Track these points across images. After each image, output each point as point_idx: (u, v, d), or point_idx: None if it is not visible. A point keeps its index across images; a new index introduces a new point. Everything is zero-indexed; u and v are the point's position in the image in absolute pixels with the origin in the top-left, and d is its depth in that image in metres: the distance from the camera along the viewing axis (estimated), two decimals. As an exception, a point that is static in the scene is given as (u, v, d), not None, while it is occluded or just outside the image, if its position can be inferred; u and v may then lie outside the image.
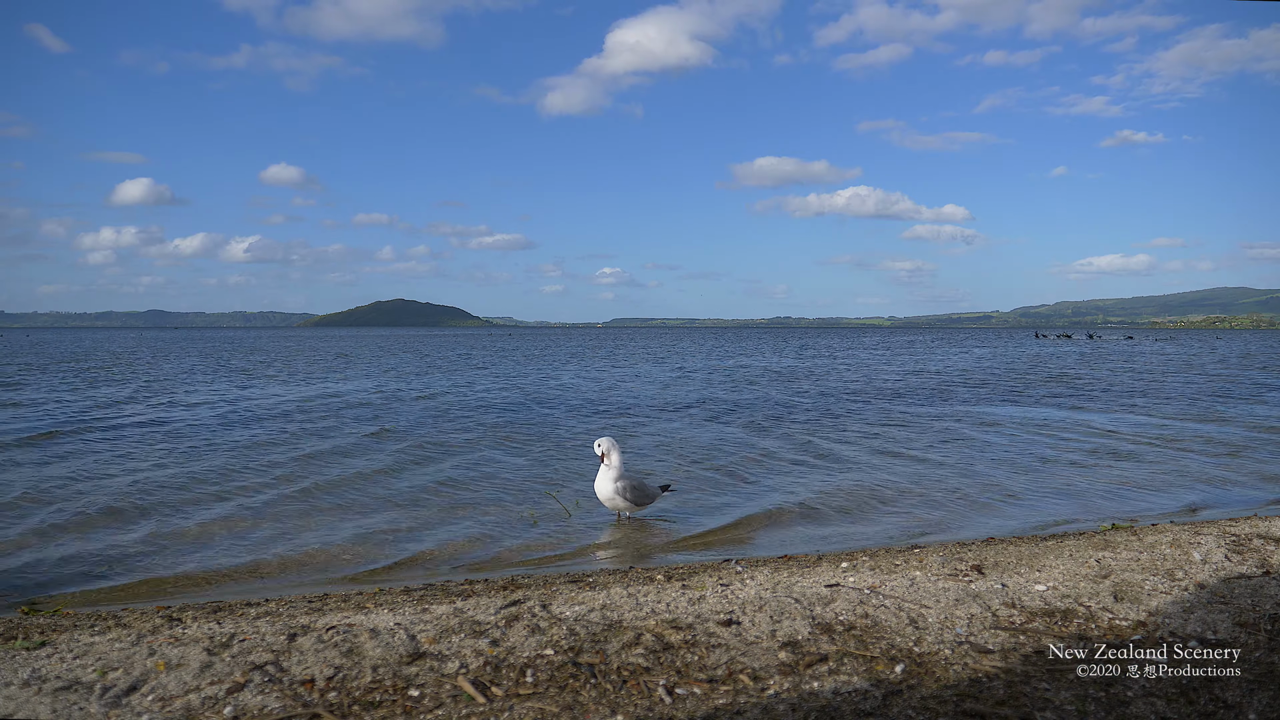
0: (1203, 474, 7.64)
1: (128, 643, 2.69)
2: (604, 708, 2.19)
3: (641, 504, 5.60)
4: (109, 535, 5.26)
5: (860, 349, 46.87)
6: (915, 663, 2.50)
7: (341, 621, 2.92)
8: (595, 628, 2.81)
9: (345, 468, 7.68)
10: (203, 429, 10.52)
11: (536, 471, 7.64)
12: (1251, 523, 4.84)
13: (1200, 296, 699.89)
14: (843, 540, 5.30)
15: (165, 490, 6.59)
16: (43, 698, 2.24)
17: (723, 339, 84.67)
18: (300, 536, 5.27)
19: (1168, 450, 9.02)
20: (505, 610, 3.02)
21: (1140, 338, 77.84)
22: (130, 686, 2.32)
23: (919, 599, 3.14)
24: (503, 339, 76.33)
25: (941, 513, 6.13)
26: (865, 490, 6.84)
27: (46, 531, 5.32)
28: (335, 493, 6.59)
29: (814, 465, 8.12)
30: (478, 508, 6.14)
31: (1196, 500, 6.55)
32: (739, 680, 2.37)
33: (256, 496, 6.41)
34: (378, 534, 5.35)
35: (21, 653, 2.60)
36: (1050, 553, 4.04)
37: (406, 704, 2.21)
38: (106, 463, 7.93)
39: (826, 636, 2.73)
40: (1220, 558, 3.77)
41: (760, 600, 3.12)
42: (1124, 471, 7.78)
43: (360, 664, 2.48)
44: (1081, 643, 2.66)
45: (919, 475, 7.50)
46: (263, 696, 2.25)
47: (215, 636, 2.74)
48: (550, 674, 2.41)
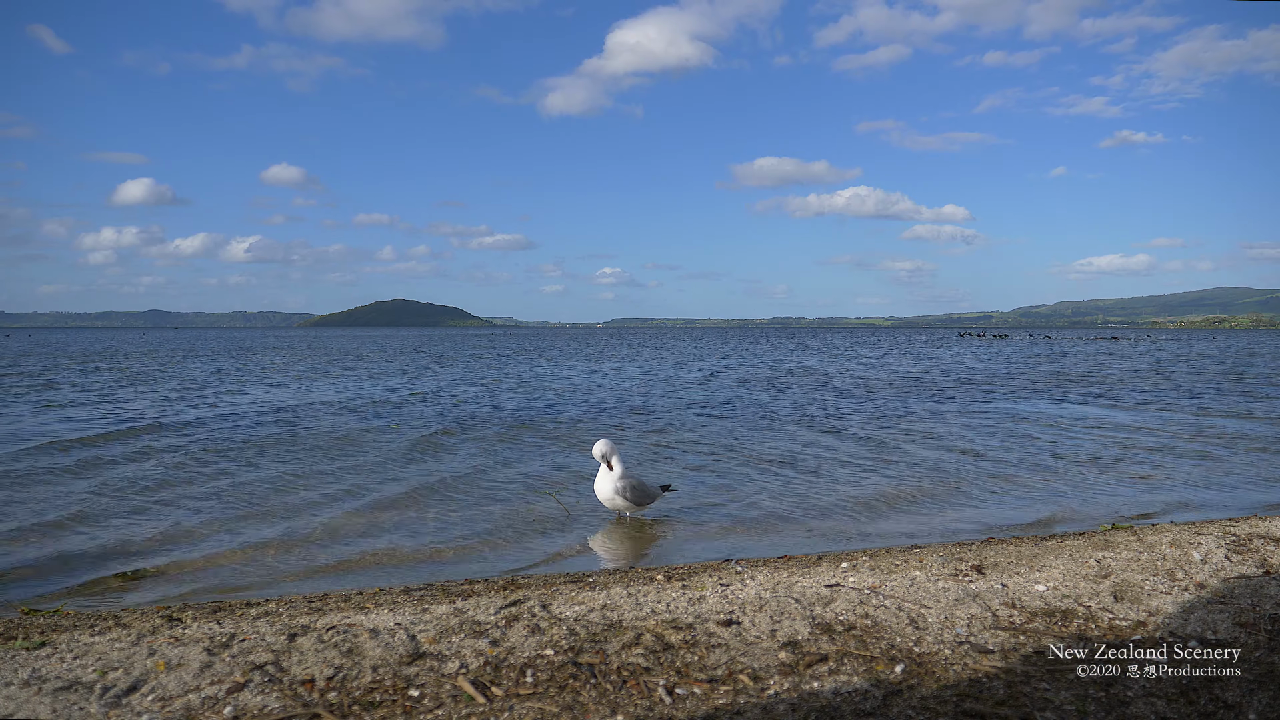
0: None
1: (128, 643, 2.69)
2: (604, 708, 2.19)
3: (642, 504, 5.59)
4: (233, 535, 5.30)
5: (871, 348, 47.00)
6: (915, 663, 2.50)
7: (341, 621, 2.92)
8: (595, 628, 2.81)
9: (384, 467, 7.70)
10: (261, 426, 10.61)
11: (548, 471, 7.65)
12: (1251, 523, 4.84)
13: (1200, 296, 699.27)
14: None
15: (276, 489, 6.72)
16: (43, 698, 2.24)
17: (731, 339, 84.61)
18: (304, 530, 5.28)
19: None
20: (505, 610, 3.02)
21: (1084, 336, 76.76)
22: (130, 686, 2.32)
23: (919, 599, 3.14)
24: (517, 339, 75.87)
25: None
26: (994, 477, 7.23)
27: (195, 531, 5.35)
28: (346, 489, 6.60)
29: (895, 461, 8.26)
30: (479, 506, 6.15)
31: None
32: (739, 680, 2.37)
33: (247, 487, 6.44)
34: (389, 528, 5.36)
35: (21, 653, 2.60)
36: (1050, 553, 4.04)
37: (406, 704, 2.21)
38: (204, 461, 8.04)
39: (826, 636, 2.73)
40: (1220, 558, 3.77)
41: (760, 600, 3.12)
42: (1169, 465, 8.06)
43: (360, 664, 2.48)
44: (1081, 643, 2.67)
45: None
46: (263, 696, 2.25)
47: (215, 636, 2.74)
48: (550, 674, 2.41)
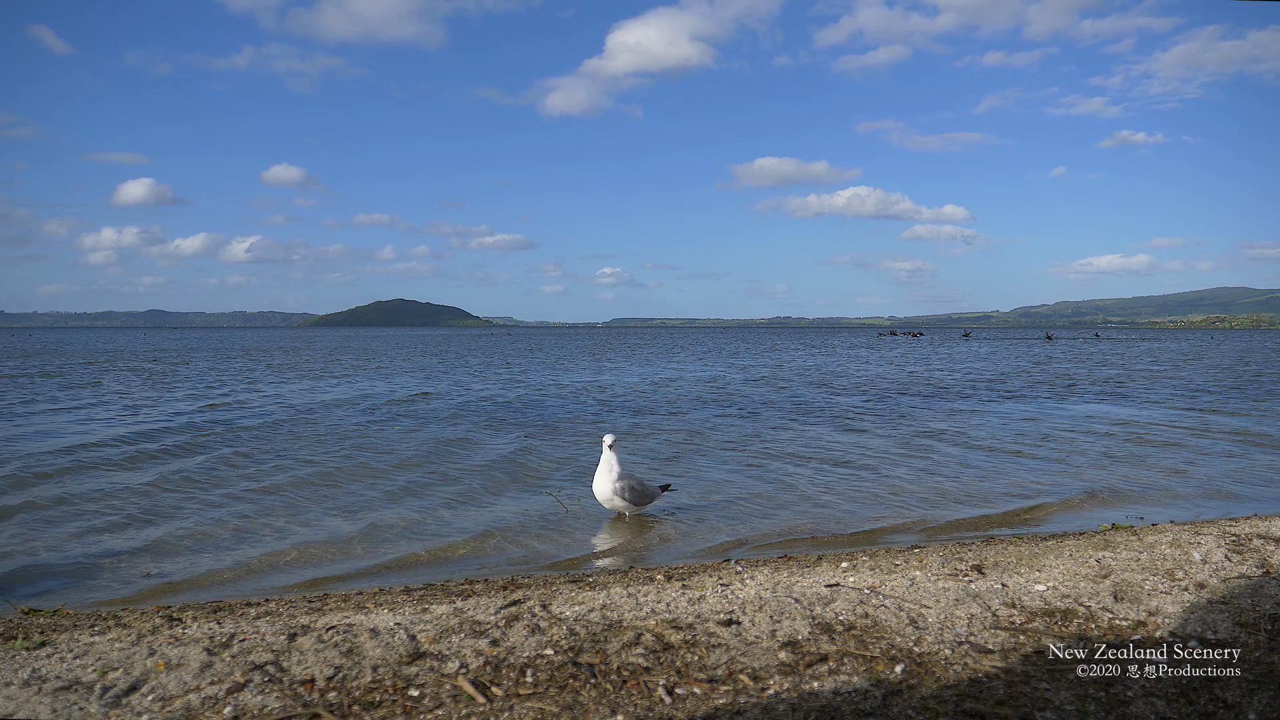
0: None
1: (128, 643, 2.69)
2: (604, 708, 2.19)
3: (641, 503, 5.60)
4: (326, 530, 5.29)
5: (875, 348, 46.98)
6: (915, 663, 2.50)
7: (341, 621, 2.92)
8: (595, 628, 2.81)
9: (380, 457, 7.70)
10: (270, 428, 10.65)
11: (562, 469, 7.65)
12: (1251, 522, 4.84)
13: (1200, 296, 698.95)
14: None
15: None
16: (43, 698, 2.24)
17: (733, 339, 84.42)
18: (276, 537, 5.27)
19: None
20: (505, 610, 3.02)
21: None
22: (130, 686, 2.32)
23: (919, 599, 3.14)
24: (516, 340, 75.72)
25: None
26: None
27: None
28: (341, 488, 6.60)
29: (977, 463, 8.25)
30: (480, 506, 6.15)
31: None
32: (739, 680, 2.37)
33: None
34: (392, 526, 5.36)
35: (21, 653, 2.60)
36: (1050, 553, 4.04)
37: (406, 704, 2.21)
38: (269, 457, 8.18)
39: (826, 636, 2.73)
40: (1220, 558, 3.77)
41: (760, 600, 3.12)
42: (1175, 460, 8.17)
43: (360, 664, 2.48)
44: (1081, 643, 2.67)
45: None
46: (263, 696, 2.25)
47: (215, 636, 2.74)
48: (550, 674, 2.41)
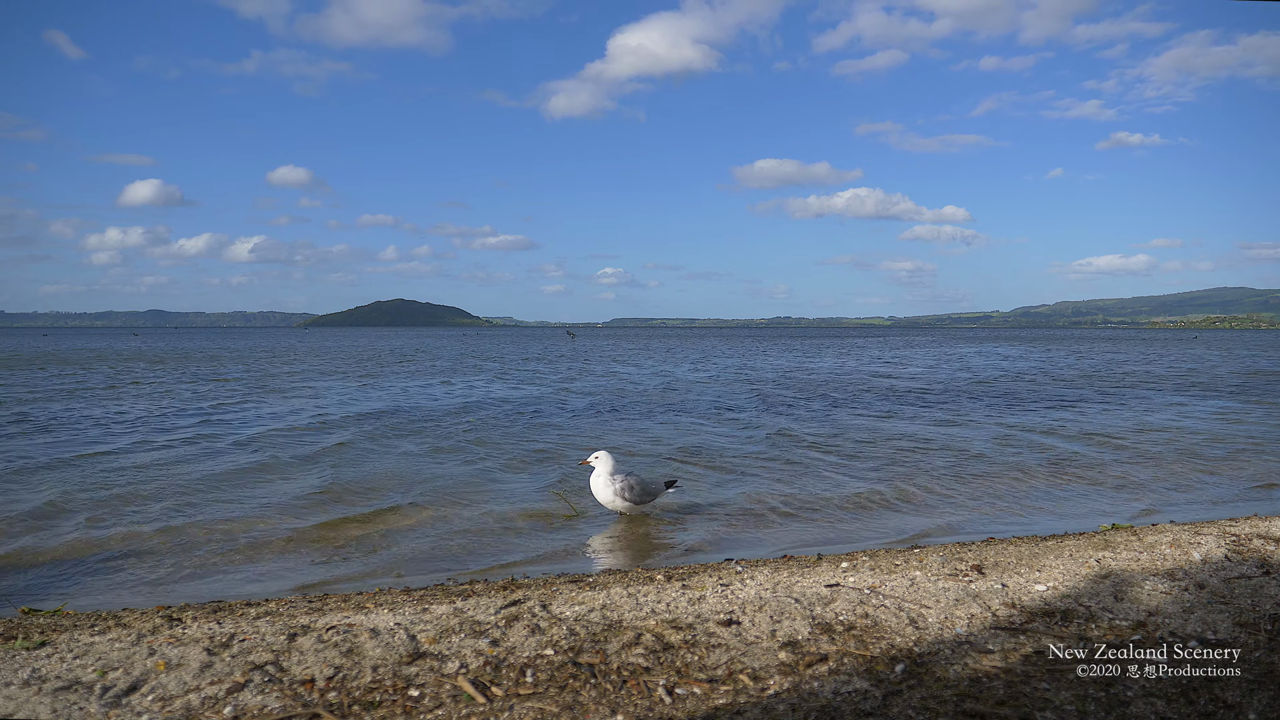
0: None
1: (128, 643, 2.69)
2: (604, 708, 2.19)
3: (643, 502, 5.56)
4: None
5: (881, 349, 46.99)
6: (915, 663, 2.50)
7: (341, 621, 2.92)
8: (595, 628, 2.81)
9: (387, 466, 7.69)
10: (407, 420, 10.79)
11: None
12: (1251, 523, 4.84)
13: (1200, 296, 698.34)
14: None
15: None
16: (43, 698, 2.24)
17: (734, 339, 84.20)
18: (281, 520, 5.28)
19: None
20: (505, 610, 3.02)
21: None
22: (130, 686, 2.32)
23: (919, 599, 3.14)
24: (518, 341, 75.39)
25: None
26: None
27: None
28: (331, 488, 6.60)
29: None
30: (481, 506, 6.15)
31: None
32: (739, 680, 2.37)
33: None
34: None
35: (21, 653, 2.60)
36: (1050, 553, 4.04)
37: (406, 704, 2.21)
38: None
39: (826, 636, 2.73)
40: (1220, 558, 3.77)
41: (760, 600, 3.12)
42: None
43: (360, 664, 2.48)
44: (1081, 643, 2.66)
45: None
46: (263, 696, 2.25)
47: (215, 636, 2.74)
48: (550, 674, 2.41)
